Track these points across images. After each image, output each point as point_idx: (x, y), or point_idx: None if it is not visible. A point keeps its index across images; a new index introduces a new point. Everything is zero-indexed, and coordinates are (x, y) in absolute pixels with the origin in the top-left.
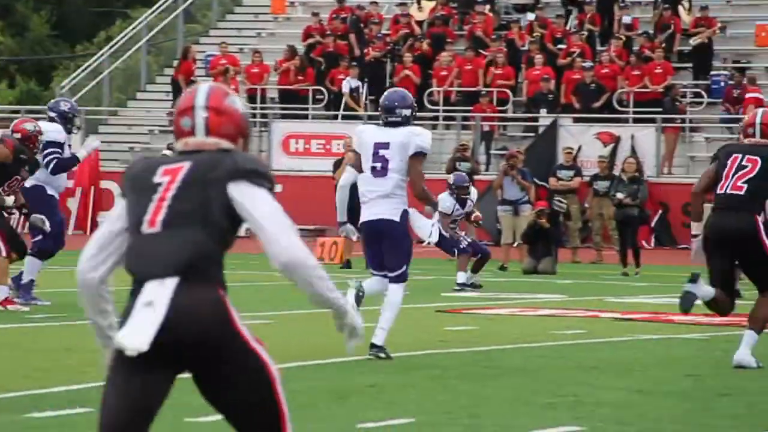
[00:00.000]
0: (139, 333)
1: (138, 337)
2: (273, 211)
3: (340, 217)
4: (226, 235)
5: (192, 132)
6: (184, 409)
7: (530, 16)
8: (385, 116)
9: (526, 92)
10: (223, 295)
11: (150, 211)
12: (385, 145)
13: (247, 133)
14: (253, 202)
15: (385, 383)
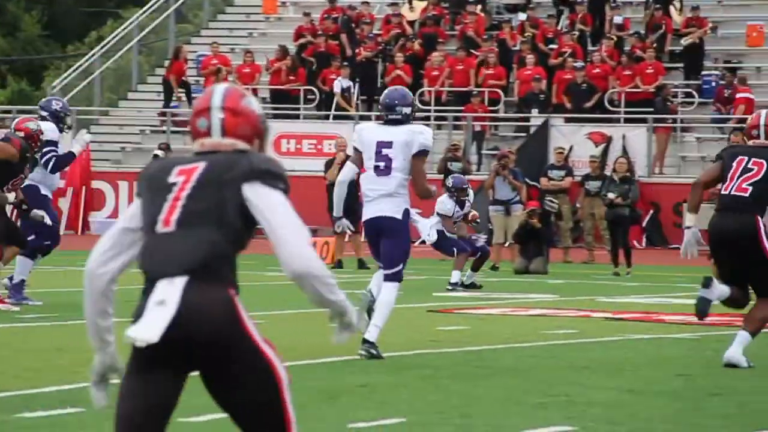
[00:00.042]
0: (151, 327)
1: (149, 330)
2: (289, 218)
3: (336, 212)
4: (241, 236)
5: (208, 133)
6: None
7: (521, 16)
8: (386, 114)
9: (517, 92)
10: (234, 295)
11: (165, 210)
12: (388, 144)
13: (263, 134)
14: (269, 207)
15: (376, 383)
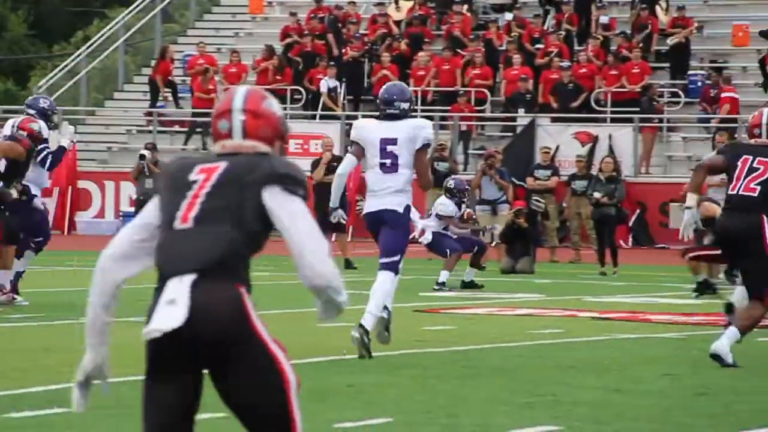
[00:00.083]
0: (163, 320)
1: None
2: (309, 229)
3: (332, 203)
4: (257, 237)
5: (229, 134)
6: None
7: (508, 15)
8: (384, 109)
9: (503, 92)
10: (243, 294)
11: (183, 207)
12: (393, 141)
13: (284, 136)
14: (289, 215)
15: (363, 383)
